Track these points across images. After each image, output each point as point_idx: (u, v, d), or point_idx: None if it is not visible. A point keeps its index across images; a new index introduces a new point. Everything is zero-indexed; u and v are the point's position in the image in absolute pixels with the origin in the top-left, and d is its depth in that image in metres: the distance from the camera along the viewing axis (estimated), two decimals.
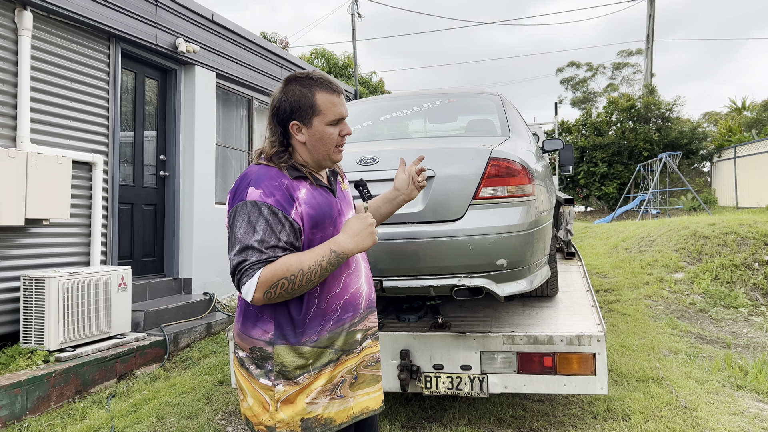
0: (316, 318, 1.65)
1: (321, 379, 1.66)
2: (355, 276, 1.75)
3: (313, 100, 1.68)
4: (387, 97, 4.39)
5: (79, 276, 4.51)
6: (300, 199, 1.63)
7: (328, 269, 1.58)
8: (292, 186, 1.63)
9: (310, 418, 1.63)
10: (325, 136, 1.70)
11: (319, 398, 1.65)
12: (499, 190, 2.77)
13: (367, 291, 1.80)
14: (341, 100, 1.73)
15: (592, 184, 21.45)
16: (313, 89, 1.69)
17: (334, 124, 1.71)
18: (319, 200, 1.68)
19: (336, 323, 1.68)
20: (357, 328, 1.74)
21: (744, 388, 3.97)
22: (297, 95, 1.68)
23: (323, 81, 1.71)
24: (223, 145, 7.39)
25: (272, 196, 1.58)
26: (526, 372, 2.91)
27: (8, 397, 3.70)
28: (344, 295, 1.71)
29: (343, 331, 1.70)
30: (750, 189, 17.20)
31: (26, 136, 4.63)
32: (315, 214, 1.65)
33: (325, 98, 1.69)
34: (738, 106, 26.05)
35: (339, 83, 1.81)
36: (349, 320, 1.71)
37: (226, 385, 4.31)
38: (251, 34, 7.69)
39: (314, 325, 1.65)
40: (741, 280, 6.75)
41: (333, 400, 1.67)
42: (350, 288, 1.73)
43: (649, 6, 22.80)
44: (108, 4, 5.37)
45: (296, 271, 1.53)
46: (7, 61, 4.60)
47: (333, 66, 22.60)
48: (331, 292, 1.68)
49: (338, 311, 1.69)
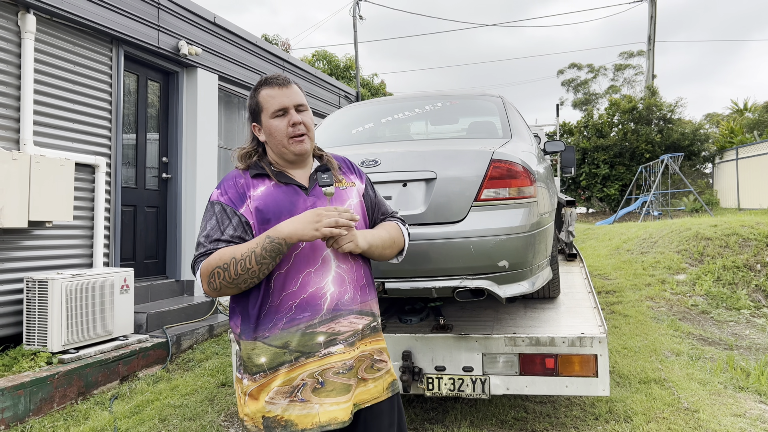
0: (269, 315, 1.67)
1: (278, 379, 1.65)
2: (317, 275, 1.68)
3: (257, 98, 1.79)
4: (388, 99, 4.40)
5: (81, 278, 4.52)
6: (253, 195, 1.72)
7: (264, 255, 1.57)
8: (248, 184, 1.74)
9: (270, 417, 1.64)
10: (272, 129, 1.76)
11: (278, 399, 1.64)
12: (500, 191, 2.78)
13: (334, 293, 1.70)
14: (284, 91, 1.76)
15: (593, 186, 21.44)
16: (259, 89, 1.79)
17: (279, 116, 1.76)
18: (276, 197, 1.73)
19: (289, 322, 1.65)
20: (317, 330, 1.66)
21: (746, 390, 3.97)
22: (251, 99, 1.82)
23: (268, 79, 1.79)
24: (225, 147, 7.41)
25: (225, 195, 1.73)
26: (527, 373, 2.91)
27: (11, 399, 3.71)
28: (301, 294, 1.66)
29: (298, 331, 1.64)
30: (752, 190, 17.18)
31: (29, 138, 4.65)
32: (265, 210, 1.70)
33: (264, 94, 1.77)
34: (740, 107, 26.03)
35: (288, 77, 1.81)
36: (306, 321, 1.65)
37: (228, 387, 4.32)
38: (253, 37, 7.71)
39: (266, 322, 1.67)
40: (743, 281, 6.75)
41: (293, 403, 1.64)
42: (309, 287, 1.67)
43: (650, 7, 22.81)
44: (111, 7, 5.40)
45: (229, 259, 1.59)
46: (10, 64, 4.62)
47: (335, 68, 22.63)
48: (287, 290, 1.66)
49: (293, 310, 1.65)
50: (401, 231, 1.96)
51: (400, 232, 1.95)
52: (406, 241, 1.97)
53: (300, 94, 1.80)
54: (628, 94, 26.63)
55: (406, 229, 2.01)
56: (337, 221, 1.61)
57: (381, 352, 1.84)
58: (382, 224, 1.94)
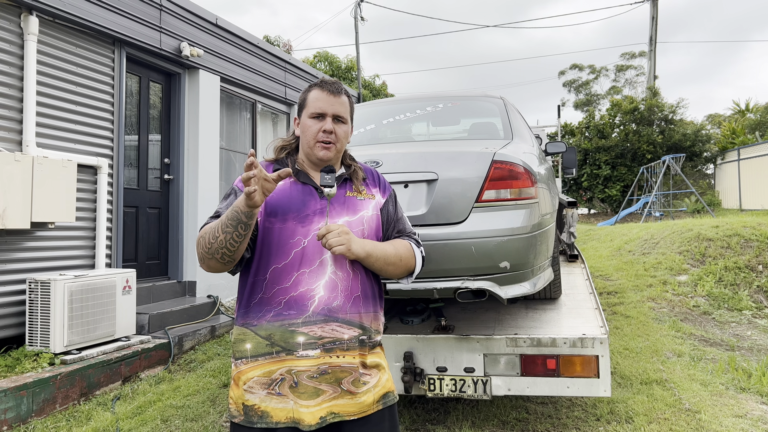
0: (259, 304, 1.72)
1: (257, 369, 1.70)
2: (310, 277, 1.71)
3: (306, 96, 1.85)
4: (390, 101, 4.41)
5: (84, 279, 4.53)
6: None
7: (227, 224, 1.60)
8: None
9: (249, 405, 1.69)
10: (305, 128, 1.82)
11: (256, 389, 1.69)
12: (502, 192, 2.78)
13: (324, 297, 1.70)
14: (329, 98, 1.81)
15: (595, 187, 21.43)
16: (311, 88, 1.86)
17: (315, 118, 1.81)
18: (290, 194, 1.78)
19: (276, 316, 1.70)
20: (299, 330, 1.68)
21: (748, 391, 3.97)
22: (302, 96, 1.88)
23: (323, 81, 1.86)
24: (227, 148, 7.42)
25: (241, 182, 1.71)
26: (529, 374, 2.92)
27: (14, 400, 3.72)
28: (292, 292, 1.70)
29: (282, 327, 1.69)
30: (754, 191, 17.15)
31: (32, 140, 4.67)
32: (275, 204, 1.75)
33: (313, 94, 1.83)
34: (741, 108, 25.99)
35: (342, 87, 1.85)
36: (291, 318, 1.69)
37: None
38: (254, 38, 7.72)
39: (257, 310, 1.72)
40: (745, 282, 6.74)
41: (270, 395, 1.69)
42: (300, 287, 1.70)
43: (651, 8, 22.80)
44: (113, 8, 5.42)
45: (208, 229, 1.68)
46: (13, 65, 4.63)
47: (336, 69, 22.65)
48: (279, 285, 1.71)
49: (281, 305, 1.70)
50: (413, 251, 1.92)
51: (412, 252, 1.91)
52: (417, 263, 1.94)
53: (345, 106, 1.84)
54: (629, 95, 26.59)
55: (421, 252, 1.96)
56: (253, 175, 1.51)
57: (371, 366, 1.80)
58: (393, 240, 1.92)
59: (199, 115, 6.58)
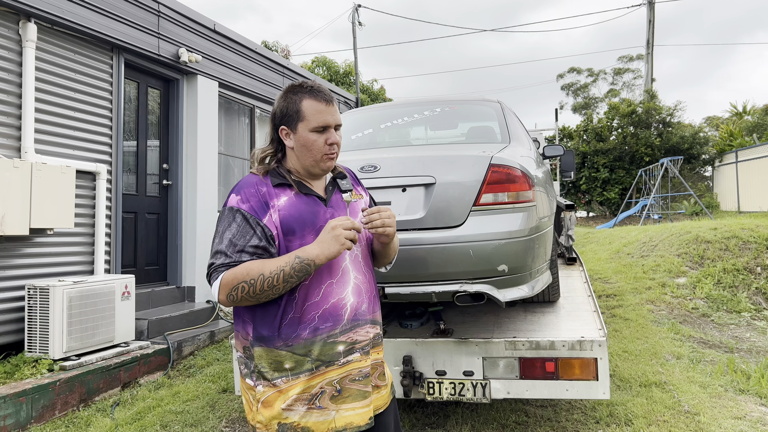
0: (291, 325, 1.67)
1: (297, 387, 1.66)
2: (338, 286, 1.71)
3: (299, 106, 1.73)
4: (388, 105, 4.43)
5: (83, 285, 4.53)
6: (276, 206, 1.69)
7: (292, 275, 1.58)
8: (271, 193, 1.70)
9: (286, 424, 1.65)
10: (308, 143, 1.73)
11: (296, 406, 1.66)
12: (499, 196, 2.79)
13: (354, 303, 1.74)
14: (329, 109, 1.74)
15: (593, 190, 21.46)
16: (302, 96, 1.74)
17: (319, 132, 1.73)
18: (299, 208, 1.71)
19: (313, 332, 1.66)
20: (338, 340, 1.69)
21: (746, 393, 3.97)
22: (288, 101, 1.76)
23: (313, 89, 1.76)
24: (225, 153, 7.44)
25: (247, 203, 1.67)
26: (528, 377, 2.92)
27: (13, 406, 3.72)
28: (323, 305, 1.68)
29: (321, 341, 1.67)
30: (752, 193, 17.18)
31: (30, 146, 4.67)
32: (290, 221, 1.69)
33: (310, 105, 1.73)
34: (739, 110, 26.05)
35: (332, 93, 1.82)
36: (328, 330, 1.68)
37: (229, 393, 4.33)
38: (253, 44, 7.75)
39: (289, 331, 1.66)
40: (743, 284, 6.75)
41: (311, 410, 1.66)
42: (331, 298, 1.69)
43: (648, 12, 22.88)
44: (111, 15, 5.43)
45: (256, 275, 1.58)
46: (11, 72, 4.65)
47: (334, 74, 22.70)
48: (309, 301, 1.68)
49: (316, 320, 1.67)
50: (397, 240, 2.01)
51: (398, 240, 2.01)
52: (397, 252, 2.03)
53: (339, 113, 1.82)
54: (627, 97, 26.68)
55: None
56: (352, 224, 1.65)
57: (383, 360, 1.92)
58: None
59: (197, 121, 6.59)
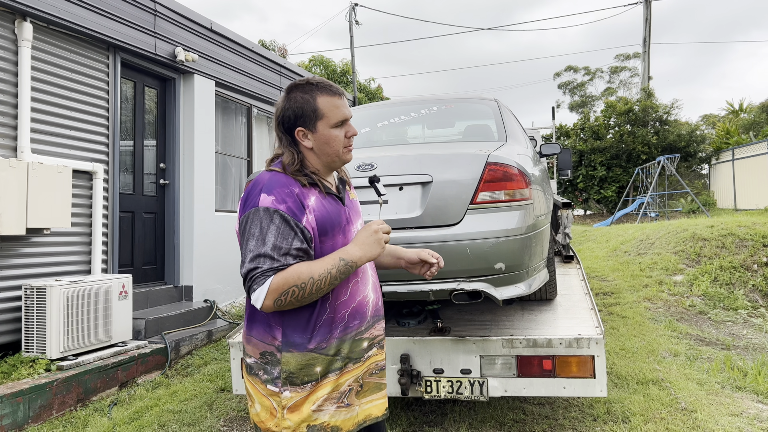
0: (325, 325, 1.65)
1: (327, 387, 1.65)
2: (362, 284, 1.75)
3: (315, 104, 1.69)
4: (385, 104, 4.43)
5: (80, 285, 4.53)
6: (310, 206, 1.64)
7: (337, 278, 1.59)
8: (303, 193, 1.64)
9: (316, 425, 1.64)
10: (331, 139, 1.70)
11: (325, 406, 1.65)
12: (496, 194, 2.80)
13: (373, 299, 1.79)
14: (343, 102, 1.75)
15: (591, 188, 21.50)
16: (314, 94, 1.70)
17: (339, 126, 1.72)
18: (328, 208, 1.69)
19: (344, 331, 1.68)
20: (363, 336, 1.73)
21: (743, 390, 3.98)
22: (300, 102, 1.70)
23: (323, 85, 1.73)
24: (222, 152, 7.42)
25: (284, 203, 1.59)
26: (525, 375, 2.93)
27: (10, 406, 3.71)
28: (351, 303, 1.70)
29: (350, 339, 1.69)
30: (748, 191, 17.23)
31: (27, 146, 4.66)
32: (324, 222, 1.66)
33: (326, 101, 1.70)
34: (735, 108, 26.11)
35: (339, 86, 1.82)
36: (356, 328, 1.71)
37: (227, 392, 4.33)
38: (249, 43, 7.73)
39: (324, 332, 1.65)
40: (740, 281, 6.77)
41: (340, 409, 1.67)
42: (357, 296, 1.72)
43: (645, 10, 22.92)
44: (107, 14, 5.42)
45: (306, 279, 1.54)
46: (7, 71, 4.63)
47: (331, 73, 22.71)
48: (339, 300, 1.68)
49: (346, 319, 1.68)
50: None
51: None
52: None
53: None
54: (624, 96, 26.72)
55: None
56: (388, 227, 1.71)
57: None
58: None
59: (194, 120, 6.58)
